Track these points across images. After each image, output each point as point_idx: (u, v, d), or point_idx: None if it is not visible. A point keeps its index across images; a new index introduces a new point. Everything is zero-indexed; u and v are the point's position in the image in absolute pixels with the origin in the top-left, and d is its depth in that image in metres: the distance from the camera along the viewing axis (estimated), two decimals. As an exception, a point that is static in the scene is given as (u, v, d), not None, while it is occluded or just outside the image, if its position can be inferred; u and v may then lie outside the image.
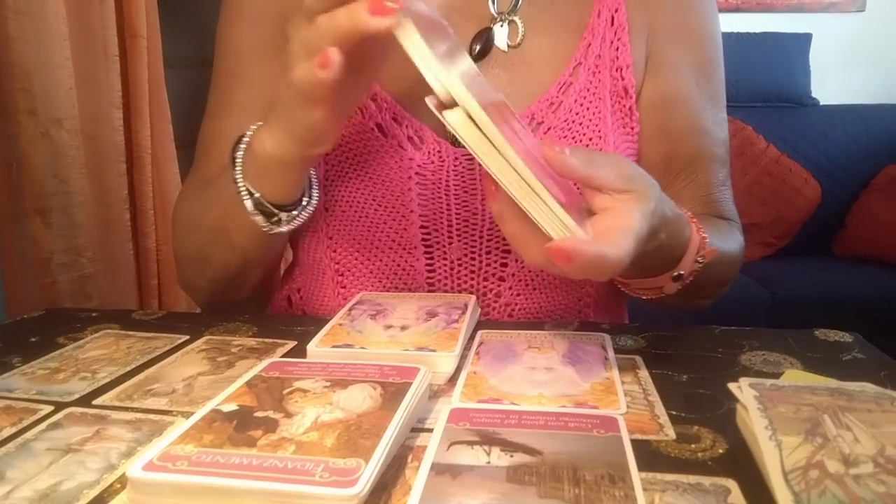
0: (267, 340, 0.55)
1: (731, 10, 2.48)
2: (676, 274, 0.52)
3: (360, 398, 0.39)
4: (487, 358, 0.49)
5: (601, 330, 0.54)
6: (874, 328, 0.66)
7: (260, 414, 0.37)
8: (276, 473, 0.31)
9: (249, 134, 0.55)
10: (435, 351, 0.47)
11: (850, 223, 2.19)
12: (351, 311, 0.57)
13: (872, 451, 0.32)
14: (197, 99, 0.70)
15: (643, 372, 0.47)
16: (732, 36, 2.29)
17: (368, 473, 0.31)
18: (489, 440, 0.35)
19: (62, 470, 0.35)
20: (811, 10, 2.48)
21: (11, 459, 0.36)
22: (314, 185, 0.59)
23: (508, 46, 0.64)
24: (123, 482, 0.34)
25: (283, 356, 0.52)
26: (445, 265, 0.64)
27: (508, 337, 0.53)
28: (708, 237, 0.53)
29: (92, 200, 1.15)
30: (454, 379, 0.46)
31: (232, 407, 0.38)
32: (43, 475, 0.35)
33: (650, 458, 0.35)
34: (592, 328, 0.55)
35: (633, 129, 0.66)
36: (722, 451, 0.37)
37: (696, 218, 0.53)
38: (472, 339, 0.53)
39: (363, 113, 0.63)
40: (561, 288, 0.65)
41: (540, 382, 0.44)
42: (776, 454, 0.32)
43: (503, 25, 0.64)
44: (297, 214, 0.57)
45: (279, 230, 0.57)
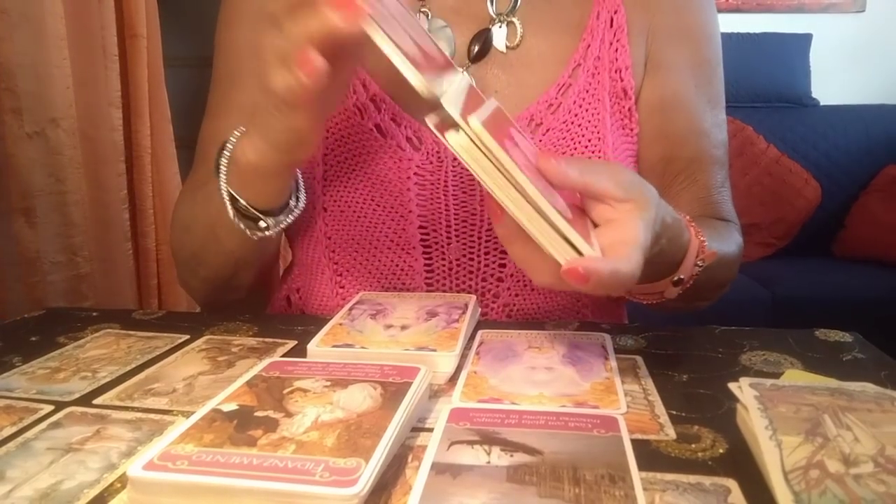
0: (267, 340, 0.55)
1: (731, 10, 2.48)
2: (677, 278, 0.52)
3: (360, 398, 0.39)
4: (488, 358, 0.49)
5: (601, 330, 0.54)
6: (874, 328, 0.66)
7: (260, 413, 0.37)
8: (276, 473, 0.31)
9: (233, 140, 0.55)
10: (435, 351, 0.47)
11: (849, 223, 2.20)
12: (351, 310, 0.56)
13: (873, 450, 0.32)
14: (197, 98, 0.70)
15: (643, 372, 0.47)
16: (732, 36, 2.29)
17: (369, 473, 0.31)
18: (489, 440, 0.35)
19: (62, 469, 0.35)
20: (811, 10, 2.48)
21: (12, 459, 0.36)
22: (300, 187, 0.59)
23: (507, 47, 0.64)
24: (124, 481, 0.34)
25: (283, 356, 0.52)
26: (444, 265, 0.64)
27: (509, 337, 0.53)
28: (707, 240, 0.53)
29: (89, 200, 1.15)
30: (454, 379, 0.46)
31: (232, 406, 0.38)
32: (43, 474, 0.35)
33: (650, 457, 0.35)
34: (593, 328, 0.55)
35: (632, 130, 0.66)
36: (722, 450, 0.37)
37: (694, 221, 0.53)
38: (472, 338, 0.53)
39: (362, 113, 0.63)
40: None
41: (540, 382, 0.44)
42: (776, 454, 0.32)
43: (502, 26, 0.64)
44: (282, 219, 0.57)
45: (266, 234, 0.57)
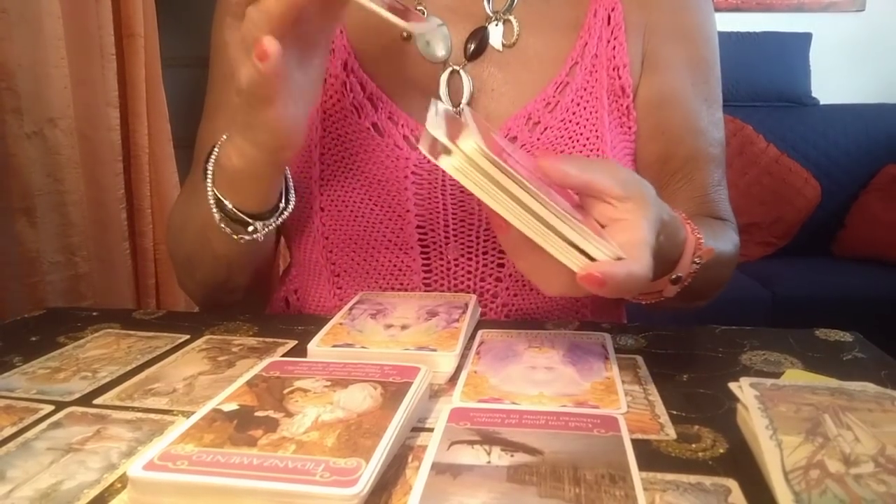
0: (267, 340, 0.55)
1: (731, 9, 2.48)
2: (675, 276, 0.52)
3: (360, 398, 0.39)
4: (488, 357, 0.49)
5: (602, 329, 0.54)
6: (874, 328, 0.66)
7: (260, 413, 0.37)
8: (276, 473, 0.31)
9: (219, 145, 0.55)
10: (435, 350, 0.47)
11: (849, 223, 2.20)
12: (351, 310, 0.56)
13: (873, 450, 0.32)
14: (195, 98, 0.70)
15: (644, 371, 0.47)
16: (732, 36, 2.29)
17: (369, 473, 0.31)
18: (490, 440, 0.35)
19: (63, 469, 0.35)
20: (811, 9, 2.48)
21: (12, 459, 0.36)
22: (290, 189, 0.59)
23: (504, 45, 0.64)
24: (124, 481, 0.34)
25: (283, 356, 0.52)
26: (442, 265, 0.64)
27: (509, 336, 0.53)
28: (703, 238, 0.53)
29: (87, 200, 1.15)
30: (455, 378, 0.46)
31: (232, 406, 0.38)
32: (44, 474, 0.35)
33: (651, 457, 0.35)
34: (593, 328, 0.55)
35: (630, 128, 0.66)
36: (722, 450, 0.37)
37: (690, 219, 0.53)
38: (472, 338, 0.53)
39: (358, 112, 0.63)
40: None
41: (540, 382, 0.44)
42: (777, 454, 0.32)
43: (498, 24, 0.64)
44: (270, 222, 0.57)
45: (254, 237, 0.56)
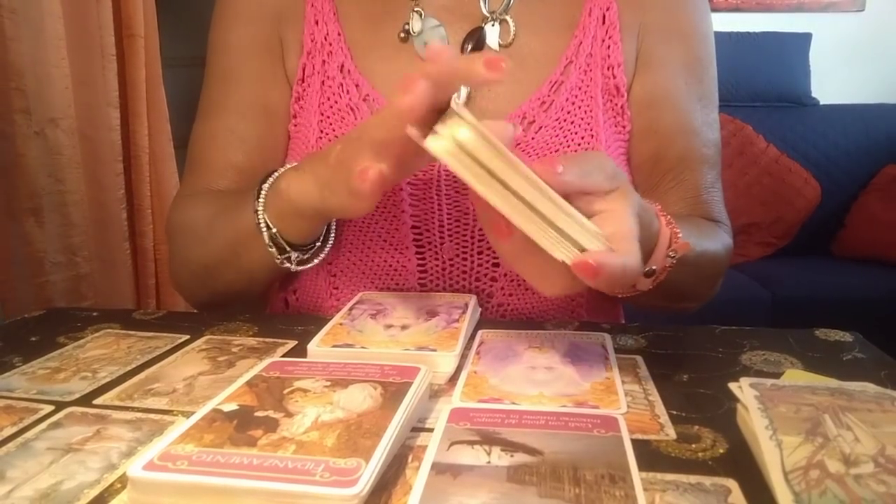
0: (267, 340, 0.55)
1: (730, 9, 2.48)
2: (649, 269, 0.51)
3: (360, 398, 0.39)
4: (488, 357, 0.49)
5: (601, 330, 0.54)
6: (874, 328, 0.66)
7: (260, 413, 0.37)
8: (276, 473, 0.31)
9: (279, 172, 0.56)
10: (435, 350, 0.47)
11: (849, 223, 2.20)
12: (351, 310, 0.56)
13: (873, 450, 0.32)
14: (195, 98, 0.70)
15: (643, 372, 0.47)
16: (732, 36, 2.29)
17: (369, 473, 0.31)
18: (490, 440, 0.35)
19: (63, 469, 0.35)
20: (811, 9, 2.48)
21: (12, 459, 0.36)
22: (332, 230, 0.61)
23: (500, 45, 0.64)
24: (124, 482, 0.34)
25: (283, 356, 0.52)
26: (437, 265, 0.64)
27: (509, 337, 0.53)
28: (682, 232, 0.52)
29: (88, 200, 1.15)
30: (454, 378, 0.46)
31: (232, 406, 0.38)
32: (43, 474, 0.35)
33: (650, 457, 0.35)
34: (593, 328, 0.55)
35: (624, 127, 0.66)
36: (722, 450, 0.37)
37: (675, 218, 0.52)
38: (472, 338, 0.53)
39: (354, 114, 0.63)
40: None
41: (540, 382, 0.44)
42: (777, 454, 0.32)
43: (495, 25, 0.64)
44: (307, 259, 0.60)
45: (289, 267, 0.59)
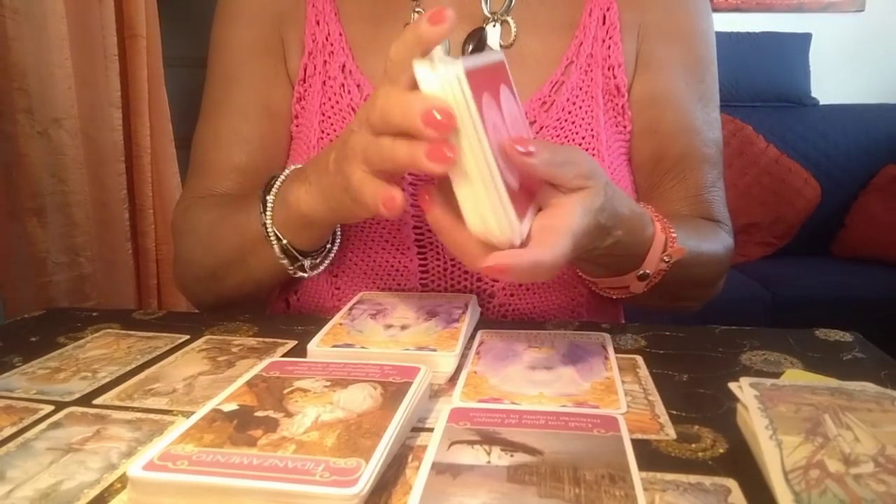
0: (267, 340, 0.55)
1: (730, 9, 2.48)
2: (642, 273, 0.52)
3: (360, 398, 0.39)
4: (488, 357, 0.49)
5: (601, 330, 0.54)
6: (874, 328, 0.66)
7: (260, 413, 0.37)
8: (276, 473, 0.31)
9: (282, 179, 0.56)
10: (435, 350, 0.47)
11: (849, 223, 2.20)
12: (351, 310, 0.56)
13: (873, 450, 0.32)
14: (196, 99, 0.70)
15: (643, 371, 0.47)
16: (732, 36, 2.29)
17: (369, 473, 0.31)
18: (489, 440, 0.35)
19: (63, 469, 0.35)
20: (811, 9, 2.48)
21: (12, 459, 0.36)
22: (338, 234, 0.62)
23: (501, 46, 0.64)
24: (124, 482, 0.34)
25: (283, 356, 0.52)
26: (439, 265, 0.64)
27: (509, 337, 0.53)
28: (679, 236, 0.52)
29: (90, 200, 1.15)
30: (454, 378, 0.46)
31: (232, 406, 0.38)
32: (43, 475, 0.35)
33: (650, 457, 0.35)
34: (593, 328, 0.55)
35: (625, 127, 0.66)
36: (722, 450, 0.37)
37: (665, 217, 0.52)
38: (472, 338, 0.53)
39: (355, 112, 0.63)
40: (554, 289, 0.65)
41: (540, 382, 0.44)
42: (776, 454, 0.32)
43: (496, 25, 0.64)
44: (319, 263, 0.60)
45: (302, 275, 0.59)
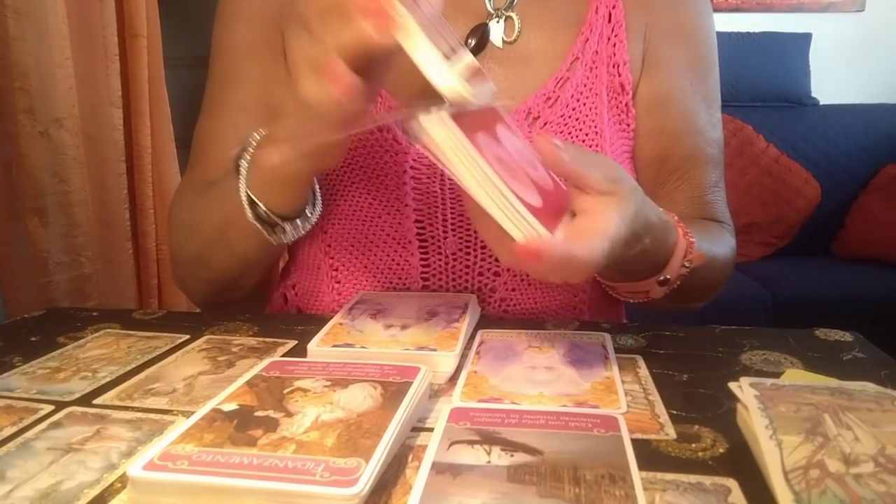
0: (267, 340, 0.55)
1: (730, 9, 2.47)
2: (663, 278, 0.52)
3: (360, 398, 0.39)
4: (488, 357, 0.49)
5: (602, 329, 0.54)
6: (874, 328, 0.66)
7: (260, 413, 0.37)
8: (276, 473, 0.31)
9: (254, 144, 0.55)
10: (435, 350, 0.47)
11: (849, 223, 2.19)
12: (351, 310, 0.56)
13: (873, 450, 0.32)
14: (197, 98, 0.70)
15: (643, 371, 0.47)
16: (732, 36, 2.29)
17: (369, 473, 0.31)
18: (490, 440, 0.35)
19: (63, 469, 0.35)
20: (811, 9, 2.48)
21: (12, 459, 0.36)
22: (317, 195, 0.60)
23: (504, 42, 0.64)
24: (124, 481, 0.34)
25: (283, 355, 0.52)
26: (440, 260, 0.64)
27: (509, 336, 0.53)
28: (696, 242, 0.52)
29: (91, 200, 1.15)
30: (454, 378, 0.46)
31: (232, 406, 0.38)
32: (43, 474, 0.35)
33: (650, 457, 0.36)
34: (593, 328, 0.55)
35: (628, 125, 0.66)
36: (722, 450, 0.37)
37: (683, 222, 0.53)
38: (472, 338, 0.53)
39: None
40: (556, 285, 0.65)
41: (540, 382, 0.44)
42: (777, 453, 0.32)
43: (499, 21, 0.64)
44: (300, 225, 0.57)
45: (282, 240, 0.57)
